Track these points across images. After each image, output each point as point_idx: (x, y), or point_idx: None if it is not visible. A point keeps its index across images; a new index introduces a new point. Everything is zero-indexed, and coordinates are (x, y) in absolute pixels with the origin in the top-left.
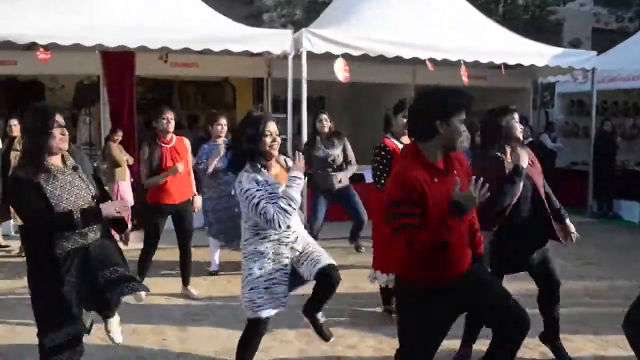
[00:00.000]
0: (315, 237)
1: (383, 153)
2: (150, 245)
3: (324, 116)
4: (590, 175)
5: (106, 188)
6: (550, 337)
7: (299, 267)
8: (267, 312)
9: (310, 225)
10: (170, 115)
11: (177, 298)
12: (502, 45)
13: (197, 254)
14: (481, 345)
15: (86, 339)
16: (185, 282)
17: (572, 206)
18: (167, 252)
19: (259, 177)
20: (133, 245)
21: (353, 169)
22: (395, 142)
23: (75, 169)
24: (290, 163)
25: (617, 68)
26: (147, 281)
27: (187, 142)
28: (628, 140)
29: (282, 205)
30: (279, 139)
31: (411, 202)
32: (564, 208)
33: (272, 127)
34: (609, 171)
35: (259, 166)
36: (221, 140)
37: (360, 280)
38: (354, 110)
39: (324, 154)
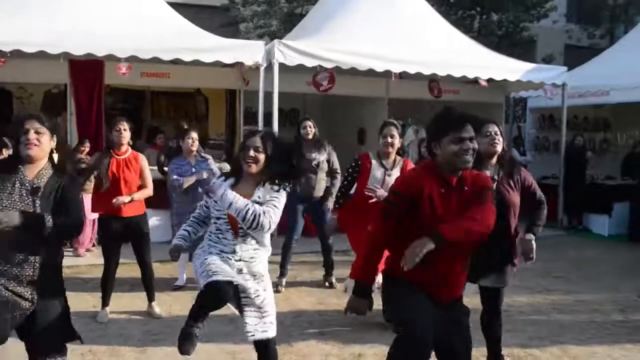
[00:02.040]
0: (290, 246)
1: (352, 165)
2: (108, 260)
3: (309, 123)
4: (560, 189)
5: None
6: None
7: (245, 314)
8: (220, 277)
9: (288, 235)
10: (123, 126)
11: (138, 316)
12: (474, 60)
13: (163, 270)
14: None
15: None
16: (150, 299)
17: None
18: (132, 267)
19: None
20: (97, 260)
21: (337, 183)
22: (374, 160)
23: (35, 191)
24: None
25: (587, 84)
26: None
27: (142, 159)
28: (598, 155)
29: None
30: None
31: (403, 197)
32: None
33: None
34: (579, 185)
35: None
36: (193, 156)
37: (327, 296)
38: (328, 123)
39: (309, 159)
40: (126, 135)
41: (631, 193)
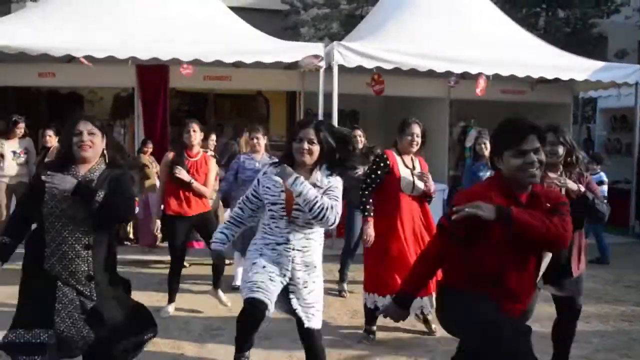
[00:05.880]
0: (353, 252)
1: (378, 160)
2: (175, 258)
3: (358, 132)
4: (632, 194)
5: None
6: None
7: (292, 302)
8: (259, 295)
9: (347, 241)
10: (194, 127)
11: (198, 312)
12: (539, 58)
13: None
14: None
15: None
16: (216, 285)
17: (614, 225)
18: (196, 266)
19: None
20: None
21: None
22: (397, 157)
23: (88, 183)
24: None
25: None
26: None
27: (211, 161)
28: None
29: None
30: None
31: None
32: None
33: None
34: None
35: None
36: (260, 155)
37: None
38: (388, 124)
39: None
40: (197, 137)
41: None
